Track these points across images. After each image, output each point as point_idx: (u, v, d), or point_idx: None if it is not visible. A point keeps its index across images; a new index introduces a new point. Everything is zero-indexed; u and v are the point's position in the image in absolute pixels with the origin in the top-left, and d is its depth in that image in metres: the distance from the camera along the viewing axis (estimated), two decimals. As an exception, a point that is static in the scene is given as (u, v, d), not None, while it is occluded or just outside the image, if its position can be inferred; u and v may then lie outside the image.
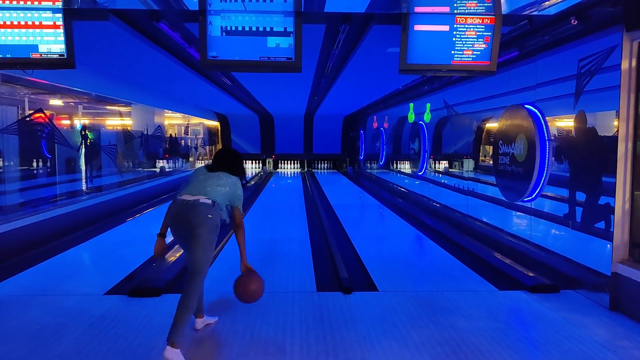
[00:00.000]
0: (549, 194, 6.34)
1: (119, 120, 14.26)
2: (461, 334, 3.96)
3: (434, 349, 3.68)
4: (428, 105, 12.07)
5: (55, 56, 4.88)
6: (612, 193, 4.59)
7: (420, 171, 12.19)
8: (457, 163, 13.41)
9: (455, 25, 4.92)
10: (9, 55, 4.88)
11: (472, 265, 6.28)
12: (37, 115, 8.27)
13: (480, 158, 12.16)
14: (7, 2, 4.77)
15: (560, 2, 5.00)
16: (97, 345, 3.75)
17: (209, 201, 3.66)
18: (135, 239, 8.36)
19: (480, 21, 4.91)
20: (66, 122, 14.00)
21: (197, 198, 3.64)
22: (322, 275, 5.85)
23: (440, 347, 3.72)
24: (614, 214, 4.56)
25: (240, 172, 4.02)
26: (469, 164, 11.95)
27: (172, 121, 25.05)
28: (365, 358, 3.55)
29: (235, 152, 4.13)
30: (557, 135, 6.19)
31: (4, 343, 3.81)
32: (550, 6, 5.08)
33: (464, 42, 4.95)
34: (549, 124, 6.00)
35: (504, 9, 5.02)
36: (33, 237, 7.37)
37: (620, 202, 4.52)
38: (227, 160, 3.98)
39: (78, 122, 13.10)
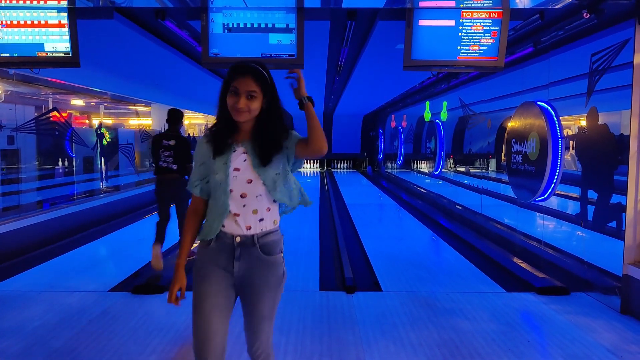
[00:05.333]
0: (569, 193, 6.18)
1: (138, 119, 14.43)
2: (461, 336, 3.85)
3: (431, 350, 3.59)
4: (445, 103, 11.90)
5: (60, 54, 4.92)
6: (624, 191, 4.43)
7: (436, 170, 12.02)
8: (477, 162, 13.21)
9: (461, 20, 4.80)
10: (16, 54, 4.93)
11: (482, 266, 6.14)
12: (53, 114, 8.39)
13: (503, 158, 11.94)
14: (14, 2, 4.84)
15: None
16: (92, 342, 3.76)
17: (277, 230, 2.32)
18: (148, 237, 8.42)
19: (487, 15, 4.79)
20: (84, 121, 14.22)
21: (255, 232, 2.21)
22: (328, 275, 5.79)
23: (437, 348, 3.62)
24: (625, 212, 4.39)
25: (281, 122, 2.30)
26: (491, 164, 11.75)
27: (193, 121, 25.30)
28: (360, 359, 3.48)
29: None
30: (568, 133, 6.01)
31: (5, 338, 3.85)
32: (559, 5, 4.94)
33: (470, 37, 4.82)
34: (574, 122, 5.85)
35: (522, 4, 4.89)
36: (47, 234, 7.49)
37: (632, 202, 4.35)
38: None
39: (96, 122, 13.31)
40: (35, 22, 4.87)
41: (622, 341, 3.82)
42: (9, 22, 4.87)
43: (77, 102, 13.65)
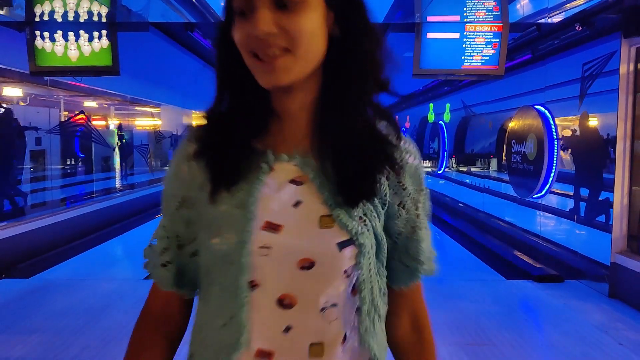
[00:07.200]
0: (568, 192, 6.67)
1: (149, 120, 14.92)
2: (466, 315, 4.34)
3: (440, 327, 4.07)
4: (447, 105, 12.40)
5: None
6: (612, 189, 4.92)
7: (440, 170, 12.52)
8: (479, 161, 13.71)
9: (465, 33, 5.30)
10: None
11: (484, 258, 6.64)
12: (79, 117, 8.89)
13: (504, 158, 12.45)
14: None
15: (567, 10, 5.35)
16: (140, 321, 4.25)
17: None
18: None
19: (489, 29, 5.28)
20: (101, 122, 14.69)
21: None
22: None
23: (445, 325, 4.11)
24: (612, 208, 4.89)
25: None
26: (492, 163, 12.24)
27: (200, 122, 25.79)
28: (378, 334, 3.97)
29: None
30: (564, 135, 6.51)
31: (62, 317, 4.34)
32: (556, 14, 5.44)
33: (473, 48, 5.32)
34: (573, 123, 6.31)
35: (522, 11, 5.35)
36: (76, 228, 7.98)
37: (619, 197, 4.84)
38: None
39: (112, 123, 13.81)
40: (78, 34, 5.39)
41: (609, 320, 4.31)
42: (54, 35, 5.38)
43: (90, 103, 14.17)
